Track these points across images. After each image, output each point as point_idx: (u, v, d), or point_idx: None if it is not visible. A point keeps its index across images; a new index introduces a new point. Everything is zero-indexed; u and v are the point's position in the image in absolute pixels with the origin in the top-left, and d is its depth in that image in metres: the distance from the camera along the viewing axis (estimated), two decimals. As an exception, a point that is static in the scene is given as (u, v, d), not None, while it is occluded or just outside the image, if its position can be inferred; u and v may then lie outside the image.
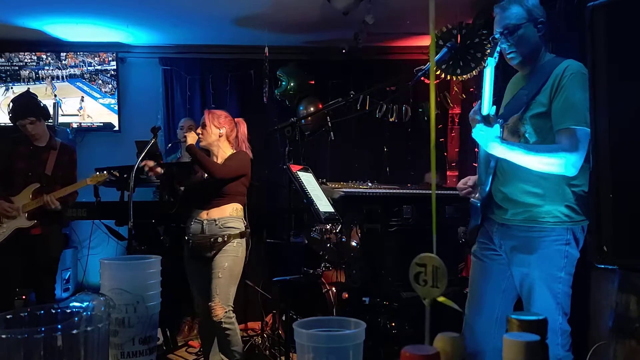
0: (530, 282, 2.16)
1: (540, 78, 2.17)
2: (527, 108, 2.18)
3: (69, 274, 5.49)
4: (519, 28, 2.16)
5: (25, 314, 1.05)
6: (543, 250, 2.13)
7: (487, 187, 2.27)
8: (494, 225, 2.29)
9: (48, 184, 3.55)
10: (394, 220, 3.59)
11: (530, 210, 2.16)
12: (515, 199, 2.19)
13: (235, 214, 3.17)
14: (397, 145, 6.12)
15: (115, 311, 1.30)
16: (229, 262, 3.07)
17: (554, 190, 2.13)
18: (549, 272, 2.13)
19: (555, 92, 2.10)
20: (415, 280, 0.84)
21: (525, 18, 2.17)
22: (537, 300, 2.15)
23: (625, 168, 1.31)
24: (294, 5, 4.77)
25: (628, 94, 1.31)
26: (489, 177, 2.27)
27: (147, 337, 1.40)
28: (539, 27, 2.19)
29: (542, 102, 2.14)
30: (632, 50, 1.31)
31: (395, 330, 3.36)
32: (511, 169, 2.20)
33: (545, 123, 2.14)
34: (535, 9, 2.19)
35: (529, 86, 2.20)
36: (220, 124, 3.24)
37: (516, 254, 2.20)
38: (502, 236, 2.25)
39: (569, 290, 2.17)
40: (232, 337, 3.05)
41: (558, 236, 2.12)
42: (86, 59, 5.90)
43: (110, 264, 1.41)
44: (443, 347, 0.75)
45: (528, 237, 2.16)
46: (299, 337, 1.00)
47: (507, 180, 2.22)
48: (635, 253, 1.30)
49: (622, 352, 1.38)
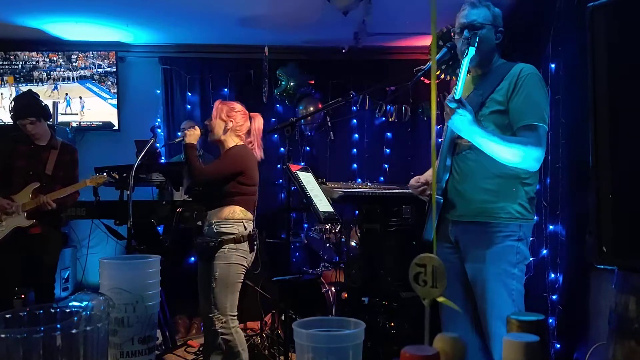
0: (483, 277, 2.19)
1: (494, 79, 2.27)
2: (483, 106, 2.26)
3: (68, 273, 5.49)
4: (482, 27, 2.29)
5: (24, 314, 1.05)
6: (497, 245, 2.18)
7: (443, 184, 2.31)
8: (448, 223, 2.32)
9: (48, 183, 3.55)
10: (394, 220, 3.59)
11: (484, 207, 2.21)
12: (470, 196, 2.24)
13: (232, 217, 3.01)
14: (397, 145, 6.13)
15: (114, 311, 1.30)
16: (220, 271, 2.94)
17: (509, 188, 2.20)
18: (502, 268, 2.17)
19: (513, 91, 2.19)
20: (414, 281, 0.83)
21: (490, 21, 2.31)
22: (492, 296, 2.17)
23: (625, 168, 1.31)
24: (294, 5, 4.77)
25: (628, 94, 1.31)
26: (445, 175, 2.31)
27: (146, 336, 1.39)
28: (498, 35, 2.33)
29: (498, 101, 2.23)
30: (632, 51, 1.31)
31: (395, 330, 3.35)
32: (468, 167, 2.25)
33: (502, 120, 2.22)
34: (499, 18, 2.35)
35: (482, 87, 2.30)
36: (229, 117, 3.10)
37: (470, 250, 2.24)
38: (457, 233, 2.29)
39: (522, 288, 2.22)
40: (233, 348, 2.93)
41: (511, 232, 2.18)
42: (95, 61, 5.90)
43: (109, 263, 1.40)
44: (443, 347, 0.75)
45: (481, 231, 2.21)
46: (299, 337, 1.00)
47: (462, 178, 2.27)
48: (635, 253, 1.30)
49: (622, 352, 1.38)
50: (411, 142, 6.07)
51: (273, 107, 6.08)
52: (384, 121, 6.08)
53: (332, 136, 5.80)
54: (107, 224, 4.20)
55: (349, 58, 5.88)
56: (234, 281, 3.00)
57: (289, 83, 5.82)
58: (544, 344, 0.72)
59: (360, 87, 5.71)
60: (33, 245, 3.55)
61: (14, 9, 4.92)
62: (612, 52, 1.33)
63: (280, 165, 5.89)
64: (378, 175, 6.03)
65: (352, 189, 3.61)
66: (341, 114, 5.97)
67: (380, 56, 6.05)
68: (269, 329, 3.98)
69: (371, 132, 6.16)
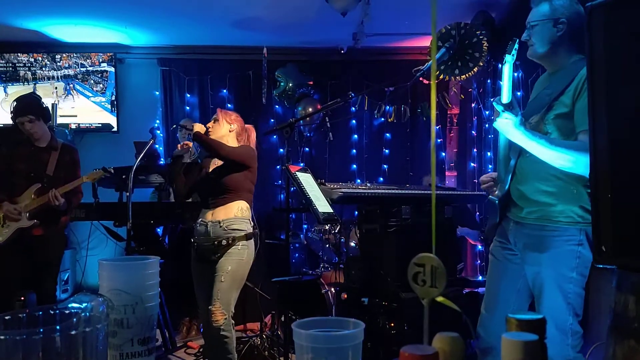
0: (541, 281, 2.17)
1: (565, 79, 2.18)
2: (550, 108, 2.19)
3: (67, 275, 5.48)
4: (536, 25, 2.22)
5: (24, 315, 1.05)
6: (555, 249, 2.14)
7: (507, 185, 2.29)
8: (510, 223, 2.30)
9: (49, 184, 3.55)
10: (393, 220, 3.58)
11: (544, 209, 2.17)
12: (531, 198, 2.21)
13: (241, 215, 3.05)
14: (396, 145, 6.14)
15: (114, 312, 1.30)
16: (232, 266, 2.96)
17: (569, 191, 2.14)
18: (560, 272, 2.13)
19: (579, 94, 2.10)
20: (413, 280, 0.83)
21: (546, 16, 2.20)
22: (547, 299, 2.15)
23: (624, 168, 1.31)
24: (293, 6, 4.77)
25: (626, 93, 1.31)
26: (509, 175, 2.29)
27: (145, 337, 1.40)
28: (559, 27, 2.19)
29: (565, 103, 2.14)
30: (630, 50, 1.31)
31: (395, 330, 3.35)
32: (529, 168, 2.22)
33: (567, 124, 2.14)
34: (561, 8, 2.20)
35: (552, 86, 2.22)
36: (232, 121, 3.21)
37: (528, 253, 2.21)
38: (517, 234, 2.27)
39: (582, 291, 2.17)
40: (229, 345, 2.95)
41: (571, 236, 2.13)
42: (78, 60, 5.92)
43: (108, 264, 1.40)
44: (442, 347, 0.75)
45: (541, 235, 2.17)
46: (298, 338, 1.00)
47: (524, 178, 2.24)
48: (634, 253, 1.30)
49: (621, 351, 1.38)
50: (410, 142, 6.08)
51: (272, 108, 6.09)
52: (383, 122, 6.09)
53: (331, 137, 5.81)
54: (107, 226, 4.21)
55: (347, 59, 5.89)
56: (242, 277, 3.05)
57: (288, 84, 5.82)
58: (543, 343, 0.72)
59: (359, 88, 5.72)
60: (35, 247, 3.55)
61: (12, 11, 4.92)
62: (610, 51, 1.33)
63: (279, 166, 5.89)
64: (377, 175, 6.04)
65: (351, 189, 3.60)
66: (340, 114, 5.97)
67: (379, 57, 6.06)
68: (268, 330, 3.98)
69: (370, 133, 6.17)
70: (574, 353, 2.14)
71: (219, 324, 2.90)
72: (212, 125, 3.17)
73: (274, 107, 6.10)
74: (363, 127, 6.16)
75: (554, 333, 2.12)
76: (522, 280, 2.29)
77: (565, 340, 2.12)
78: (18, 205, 3.49)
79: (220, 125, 3.18)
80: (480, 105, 5.51)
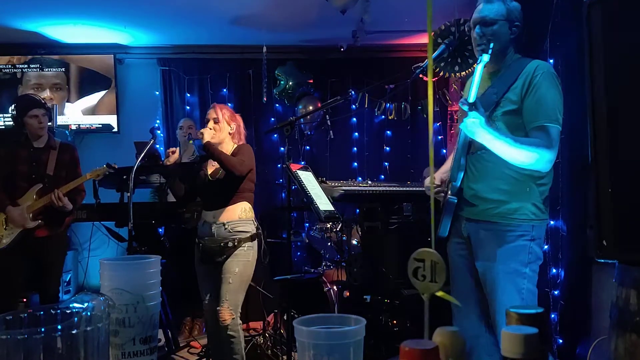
0: (493, 275, 2.19)
1: (509, 77, 2.25)
2: (497, 106, 2.24)
3: (69, 276, 5.49)
4: (495, 23, 2.27)
5: (25, 315, 1.05)
6: (508, 244, 2.18)
7: (458, 183, 2.31)
8: (462, 221, 2.33)
9: (51, 184, 3.55)
10: (394, 218, 3.59)
11: (498, 207, 2.21)
12: (485, 196, 2.24)
13: (245, 216, 3.07)
14: (397, 143, 6.13)
15: (115, 311, 1.30)
16: (239, 268, 3.00)
17: (522, 188, 2.19)
18: (513, 267, 2.17)
19: (527, 91, 2.17)
20: (413, 275, 0.84)
21: (503, 16, 2.27)
22: (500, 295, 2.17)
23: (624, 163, 1.31)
24: (292, 5, 4.77)
25: (625, 87, 1.31)
26: (460, 174, 2.31)
27: (147, 336, 1.39)
28: (513, 30, 2.29)
29: (512, 100, 2.21)
30: (628, 45, 1.31)
31: (397, 327, 3.36)
32: (482, 166, 2.26)
33: (515, 120, 2.20)
34: (515, 11, 2.30)
35: (497, 84, 2.27)
36: (230, 119, 3.18)
37: (482, 248, 2.25)
38: (470, 231, 2.30)
39: (535, 288, 2.21)
40: (236, 345, 2.98)
41: (523, 232, 2.18)
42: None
43: (109, 264, 1.40)
44: (442, 341, 0.75)
45: (495, 231, 2.21)
46: (299, 335, 1.00)
47: (477, 177, 2.28)
48: (635, 247, 1.30)
49: (623, 345, 1.38)
50: (411, 139, 6.07)
51: (272, 107, 6.09)
52: (383, 119, 6.08)
53: (332, 135, 5.81)
54: (108, 227, 4.21)
55: (347, 56, 5.88)
56: (249, 278, 3.09)
57: (288, 82, 5.82)
58: (543, 337, 0.72)
59: (359, 86, 5.72)
60: (39, 249, 3.55)
61: (11, 11, 4.91)
62: (608, 47, 1.33)
63: (280, 164, 5.89)
64: (378, 173, 6.03)
65: (352, 187, 3.61)
66: (340, 112, 5.97)
67: (378, 54, 6.05)
68: (271, 329, 3.98)
69: (371, 130, 6.17)
70: None
71: (227, 323, 2.94)
72: (214, 127, 3.14)
73: (274, 106, 6.10)
74: (364, 125, 6.16)
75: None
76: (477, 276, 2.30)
77: None
78: (20, 207, 3.50)
79: (222, 127, 3.16)
80: (480, 102, 5.50)
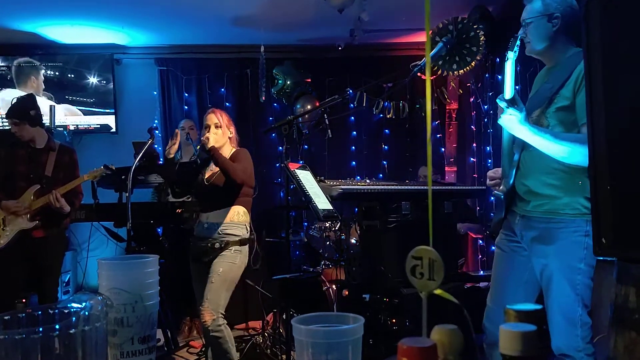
0: (549, 273, 2.18)
1: (564, 72, 2.20)
2: (551, 102, 2.21)
3: (68, 277, 5.48)
4: (530, 22, 2.24)
5: (23, 315, 1.05)
6: (562, 241, 2.15)
7: (511, 179, 2.30)
8: (516, 217, 2.31)
9: (48, 185, 3.55)
10: (393, 216, 3.58)
11: (550, 202, 2.19)
12: (537, 191, 2.22)
13: (237, 219, 3.09)
14: (395, 141, 6.13)
15: (113, 311, 1.30)
16: (223, 268, 3.00)
17: (573, 182, 2.15)
18: (568, 263, 2.14)
19: (580, 86, 2.11)
20: (412, 273, 0.83)
21: (538, 12, 2.23)
22: (555, 291, 2.16)
23: (623, 160, 1.31)
24: (289, 4, 4.77)
25: (623, 84, 1.31)
26: (512, 170, 2.30)
27: (146, 336, 1.39)
28: (554, 22, 2.22)
29: (566, 96, 2.16)
30: (626, 42, 1.31)
31: (396, 326, 3.36)
32: (533, 162, 2.23)
33: (568, 116, 2.16)
34: (554, 3, 2.23)
35: (552, 80, 2.24)
36: (228, 124, 3.20)
37: (536, 245, 2.23)
38: (524, 228, 2.28)
39: (590, 282, 2.18)
40: (223, 344, 2.97)
41: (577, 227, 2.14)
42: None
43: (107, 263, 1.40)
44: (440, 339, 0.74)
45: (548, 228, 2.19)
46: (298, 333, 1.00)
47: (529, 173, 2.26)
48: (634, 244, 1.30)
49: (622, 343, 1.38)
50: (409, 138, 6.06)
51: (270, 106, 6.08)
52: (381, 118, 6.08)
53: (330, 134, 5.76)
54: (107, 227, 4.21)
55: (345, 55, 5.87)
56: (233, 280, 3.06)
57: (286, 82, 5.81)
58: (541, 334, 0.72)
59: (357, 84, 5.70)
60: (37, 249, 3.55)
61: (8, 12, 4.90)
62: (606, 45, 1.33)
63: (278, 164, 5.89)
64: (377, 172, 6.03)
65: (351, 186, 3.60)
66: (338, 111, 5.94)
67: (376, 53, 6.05)
68: (270, 328, 3.98)
69: (369, 129, 6.16)
70: (583, 344, 2.15)
71: (207, 324, 2.95)
72: (217, 133, 3.14)
73: (272, 105, 6.10)
74: (362, 124, 6.16)
75: (564, 324, 2.14)
76: (528, 273, 2.31)
77: (574, 332, 2.13)
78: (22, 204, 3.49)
79: (224, 133, 3.18)
80: (479, 100, 5.51)
